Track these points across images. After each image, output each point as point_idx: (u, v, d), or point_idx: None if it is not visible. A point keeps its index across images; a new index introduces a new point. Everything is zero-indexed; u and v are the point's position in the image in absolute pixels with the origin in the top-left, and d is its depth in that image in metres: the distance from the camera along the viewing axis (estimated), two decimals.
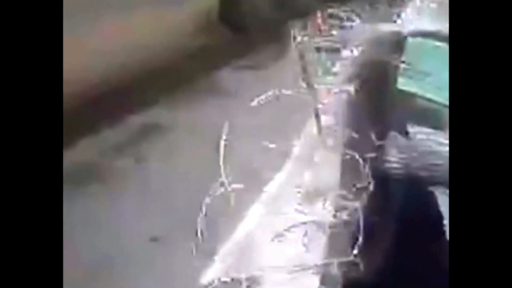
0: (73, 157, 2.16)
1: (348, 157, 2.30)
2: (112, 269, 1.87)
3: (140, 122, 2.55)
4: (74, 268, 1.73)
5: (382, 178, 2.49)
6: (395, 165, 2.55)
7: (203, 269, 1.89)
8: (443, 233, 2.38)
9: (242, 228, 2.06)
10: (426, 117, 2.74)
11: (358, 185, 2.20)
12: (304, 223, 2.05)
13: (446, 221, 2.41)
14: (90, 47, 2.54)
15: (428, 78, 2.88)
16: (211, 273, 1.89)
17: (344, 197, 2.16)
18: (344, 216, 2.09)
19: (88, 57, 2.51)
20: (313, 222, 2.06)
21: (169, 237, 2.00)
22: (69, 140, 2.14)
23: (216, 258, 1.93)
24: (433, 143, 2.63)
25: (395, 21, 3.43)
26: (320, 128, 2.47)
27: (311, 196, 2.16)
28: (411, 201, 2.51)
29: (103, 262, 1.88)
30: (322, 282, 1.91)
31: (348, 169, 2.29)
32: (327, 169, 2.30)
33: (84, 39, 2.48)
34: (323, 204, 2.13)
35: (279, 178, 2.25)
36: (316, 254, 1.97)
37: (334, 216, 2.09)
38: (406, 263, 2.32)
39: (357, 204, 2.13)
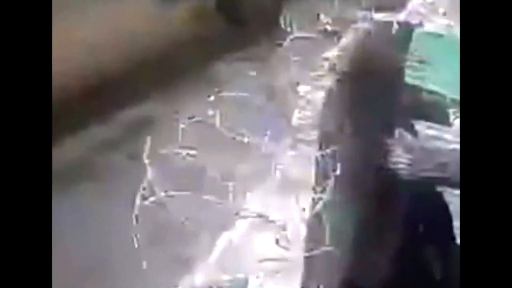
0: (63, 154, 2.18)
1: (321, 152, 2.35)
2: (103, 269, 1.90)
3: (133, 117, 2.55)
4: (64, 268, 1.75)
5: (387, 177, 2.50)
6: (400, 165, 2.56)
7: (192, 270, 1.95)
8: (453, 236, 2.39)
9: (228, 228, 2.11)
10: (432, 112, 2.75)
11: (326, 180, 2.26)
12: (278, 220, 2.11)
13: (455, 223, 2.42)
14: (80, 38, 2.56)
15: (435, 71, 2.89)
16: (199, 275, 1.94)
17: (315, 192, 2.22)
18: (316, 210, 2.16)
19: (77, 48, 2.52)
20: (288, 218, 2.13)
21: (162, 237, 2.03)
22: (59, 135, 2.15)
23: (204, 259, 1.99)
24: (441, 140, 2.64)
25: (401, 11, 3.44)
26: (294, 125, 2.51)
27: (284, 191, 2.23)
28: (417, 202, 2.52)
29: (95, 262, 1.90)
30: (304, 277, 1.98)
31: (320, 164, 2.35)
32: (301, 165, 2.35)
33: (74, 30, 2.50)
34: (296, 200, 2.19)
35: (253, 174, 2.29)
36: (295, 250, 2.04)
37: (304, 210, 2.16)
38: (413, 266, 2.34)
39: (323, 197, 2.19)
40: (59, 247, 1.53)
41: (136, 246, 1.98)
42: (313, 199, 2.21)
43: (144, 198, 2.12)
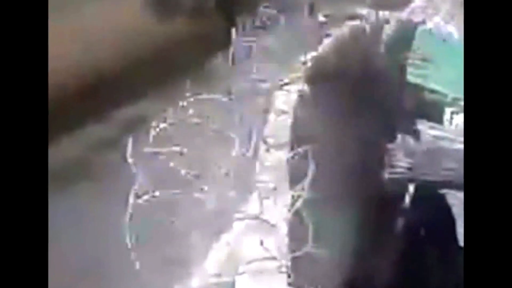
0: (59, 153, 2.17)
1: (294, 153, 2.37)
2: (101, 270, 1.90)
3: (130, 115, 2.55)
4: (61, 269, 1.75)
5: (385, 179, 2.51)
6: (399, 169, 2.56)
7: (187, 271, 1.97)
8: (455, 239, 2.39)
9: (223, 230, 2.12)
10: (433, 111, 2.75)
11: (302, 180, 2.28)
12: (268, 221, 2.13)
13: (458, 226, 2.42)
14: (76, 36, 2.55)
15: (437, 69, 2.88)
16: (195, 279, 1.95)
17: (293, 192, 2.25)
18: (296, 208, 2.18)
19: (74, 46, 2.52)
20: (277, 218, 2.15)
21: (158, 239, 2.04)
22: (56, 134, 2.15)
23: (198, 261, 2.00)
24: (442, 140, 2.64)
25: (404, 9, 3.42)
26: (268, 127, 2.52)
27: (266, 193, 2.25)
28: (419, 204, 2.53)
29: (93, 263, 1.91)
30: (292, 277, 1.99)
31: (295, 166, 2.37)
32: (276, 167, 2.37)
33: (70, 27, 2.49)
34: (274, 203, 2.21)
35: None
36: (283, 251, 2.06)
37: (284, 210, 2.17)
38: (415, 269, 2.34)
39: (301, 195, 2.21)
40: (56, 248, 1.53)
41: (129, 246, 1.98)
42: (292, 197, 2.22)
43: (137, 196, 2.13)
